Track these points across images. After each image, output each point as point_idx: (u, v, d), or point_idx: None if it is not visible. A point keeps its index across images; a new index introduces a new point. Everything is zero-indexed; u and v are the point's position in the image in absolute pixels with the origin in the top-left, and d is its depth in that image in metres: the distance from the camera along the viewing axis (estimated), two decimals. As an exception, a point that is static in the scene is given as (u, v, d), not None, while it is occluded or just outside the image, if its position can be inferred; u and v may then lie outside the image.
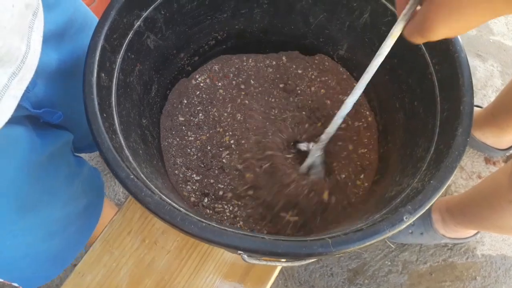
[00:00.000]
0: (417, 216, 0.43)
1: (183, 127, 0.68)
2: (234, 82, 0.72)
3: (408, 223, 0.42)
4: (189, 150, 0.66)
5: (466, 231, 1.15)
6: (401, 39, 0.57)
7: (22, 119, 0.52)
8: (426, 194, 0.43)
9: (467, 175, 1.33)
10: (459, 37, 0.51)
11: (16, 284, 0.62)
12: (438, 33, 0.36)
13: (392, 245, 1.23)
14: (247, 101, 0.71)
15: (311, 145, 0.63)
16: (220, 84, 0.72)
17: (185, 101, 0.70)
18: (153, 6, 0.55)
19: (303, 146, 0.64)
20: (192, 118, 0.69)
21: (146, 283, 0.66)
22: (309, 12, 0.66)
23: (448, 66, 0.51)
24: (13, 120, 0.45)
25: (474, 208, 0.97)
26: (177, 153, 0.66)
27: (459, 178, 1.32)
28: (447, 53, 0.51)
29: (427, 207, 0.43)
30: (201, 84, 0.71)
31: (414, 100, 0.58)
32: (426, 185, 0.44)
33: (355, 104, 0.54)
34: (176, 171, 0.65)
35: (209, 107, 0.70)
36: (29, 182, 0.54)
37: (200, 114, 0.69)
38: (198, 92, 0.71)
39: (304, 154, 0.64)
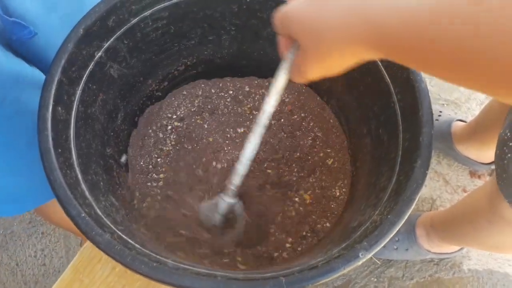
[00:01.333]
0: (373, 252, 0.43)
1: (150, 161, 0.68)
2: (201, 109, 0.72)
3: (364, 260, 0.42)
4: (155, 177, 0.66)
5: (451, 247, 1.15)
6: (366, 66, 0.57)
7: None
8: (383, 229, 0.43)
9: (452, 189, 1.32)
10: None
11: None
12: (313, 75, 0.39)
13: (378, 261, 1.22)
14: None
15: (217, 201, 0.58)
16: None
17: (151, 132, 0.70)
18: (114, 36, 0.55)
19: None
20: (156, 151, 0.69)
21: (117, 311, 0.65)
22: (275, 38, 0.65)
23: (409, 95, 0.51)
24: None
25: (456, 225, 0.97)
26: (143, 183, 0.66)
27: (444, 192, 1.32)
28: (407, 83, 0.51)
29: (383, 243, 0.43)
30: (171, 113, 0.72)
31: (379, 127, 0.58)
32: (384, 220, 0.44)
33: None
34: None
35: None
36: None
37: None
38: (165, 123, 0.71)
39: None
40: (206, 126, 0.70)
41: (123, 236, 0.44)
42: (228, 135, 0.70)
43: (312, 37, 0.35)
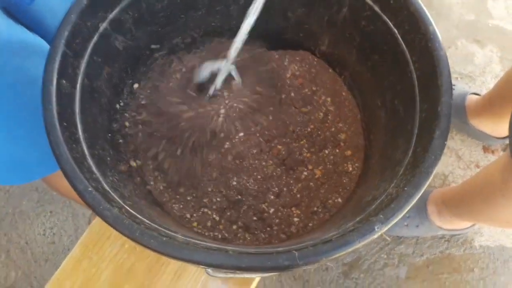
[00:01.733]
0: (389, 225, 0.41)
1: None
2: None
3: (379, 233, 0.41)
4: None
5: (463, 223, 1.13)
6: (382, 34, 0.55)
7: None
8: (399, 202, 0.41)
9: (465, 164, 1.30)
10: (438, 33, 0.48)
11: None
12: None
13: (388, 238, 1.21)
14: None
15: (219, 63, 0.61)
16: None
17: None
18: (119, 7, 0.53)
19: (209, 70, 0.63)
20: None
21: (127, 288, 0.65)
22: (287, 7, 0.63)
23: (427, 64, 0.48)
24: None
25: (468, 201, 0.96)
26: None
27: (457, 168, 1.30)
28: (426, 51, 0.48)
29: (400, 216, 0.41)
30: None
31: (395, 98, 0.56)
32: (401, 192, 0.42)
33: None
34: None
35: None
36: None
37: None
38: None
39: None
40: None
41: (131, 211, 0.43)
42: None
43: None
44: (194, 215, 0.60)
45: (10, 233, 1.21)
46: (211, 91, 0.62)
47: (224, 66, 0.60)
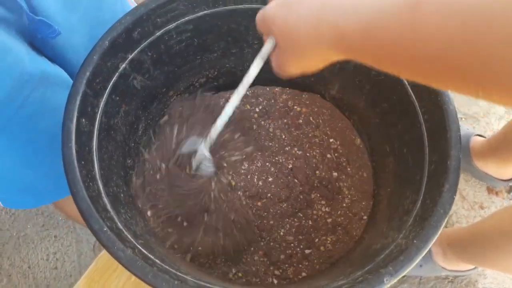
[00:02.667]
0: (397, 278, 0.42)
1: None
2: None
3: (388, 285, 0.41)
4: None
5: (467, 264, 1.12)
6: (391, 84, 0.57)
7: (18, 35, 0.53)
8: (409, 255, 0.42)
9: (469, 205, 1.30)
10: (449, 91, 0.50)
11: None
12: (291, 71, 0.42)
13: (391, 276, 1.20)
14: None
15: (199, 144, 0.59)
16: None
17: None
18: (139, 48, 0.54)
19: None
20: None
21: (131, 322, 0.65)
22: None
23: (436, 117, 0.50)
24: (6, 29, 0.49)
25: (477, 247, 0.95)
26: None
27: (461, 208, 1.30)
28: (436, 104, 0.50)
29: (409, 269, 0.42)
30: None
31: (403, 146, 0.57)
32: (410, 245, 0.43)
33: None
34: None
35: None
36: (7, 95, 0.53)
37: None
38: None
39: None
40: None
41: (143, 250, 0.44)
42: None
43: (287, 38, 0.38)
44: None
45: (13, 257, 1.21)
46: (192, 170, 0.61)
47: (199, 153, 0.58)
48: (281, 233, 0.63)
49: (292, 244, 0.62)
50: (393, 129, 0.59)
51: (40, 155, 0.62)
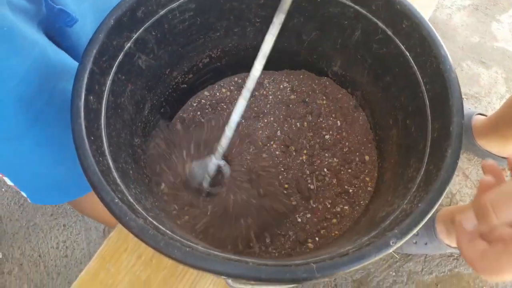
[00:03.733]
0: (404, 240, 0.42)
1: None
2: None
3: (395, 248, 0.42)
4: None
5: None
6: (393, 57, 0.57)
7: (37, 24, 0.54)
8: (414, 218, 0.43)
9: (472, 183, 1.31)
10: (449, 56, 0.50)
11: (24, 194, 0.68)
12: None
13: (396, 256, 1.22)
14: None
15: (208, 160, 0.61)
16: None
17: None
18: (143, 27, 0.55)
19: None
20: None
21: (142, 300, 0.66)
22: (301, 30, 0.66)
23: (438, 85, 0.50)
24: (29, 21, 0.49)
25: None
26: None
27: (464, 187, 1.31)
28: (437, 73, 0.50)
29: (414, 231, 0.43)
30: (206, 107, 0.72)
31: (407, 118, 0.57)
32: (415, 209, 0.44)
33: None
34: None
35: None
36: (37, 88, 0.55)
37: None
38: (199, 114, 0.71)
39: None
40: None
41: (155, 222, 0.45)
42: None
43: None
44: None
45: (23, 246, 1.23)
46: (205, 190, 0.63)
47: (211, 164, 0.60)
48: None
49: (300, 220, 0.63)
50: (396, 102, 0.60)
51: (67, 150, 0.63)
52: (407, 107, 0.58)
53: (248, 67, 0.73)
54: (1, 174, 0.65)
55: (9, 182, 0.67)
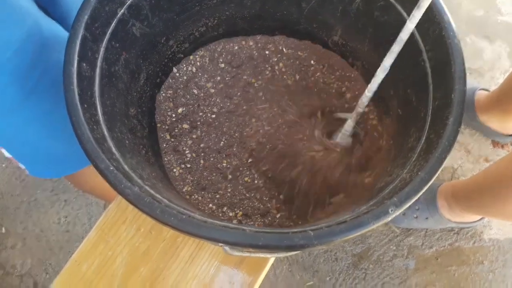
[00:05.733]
0: (403, 208, 0.42)
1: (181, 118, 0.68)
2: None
3: (393, 216, 0.41)
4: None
5: (472, 216, 1.14)
6: (395, 25, 0.56)
7: None
8: (414, 186, 0.42)
9: (474, 158, 1.30)
10: (452, 22, 0.49)
11: (22, 166, 0.68)
12: None
13: (397, 230, 1.22)
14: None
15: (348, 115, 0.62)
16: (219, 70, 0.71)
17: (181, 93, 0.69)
18: (137, -8, 0.54)
19: (341, 115, 0.65)
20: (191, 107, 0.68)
21: (142, 271, 0.66)
22: (300, -3, 0.64)
23: (440, 52, 0.49)
24: None
25: (479, 195, 0.96)
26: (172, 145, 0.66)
27: (466, 162, 1.30)
28: (440, 39, 0.49)
29: (414, 200, 0.42)
30: (198, 71, 0.71)
31: (407, 87, 0.56)
32: (414, 177, 0.43)
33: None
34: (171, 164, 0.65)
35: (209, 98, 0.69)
36: (32, 60, 0.54)
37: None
38: (196, 81, 0.70)
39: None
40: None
41: (151, 191, 0.45)
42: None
43: None
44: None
45: (26, 222, 1.23)
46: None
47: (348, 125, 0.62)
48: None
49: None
50: (398, 71, 0.58)
51: (63, 124, 0.62)
52: (408, 76, 0.56)
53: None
54: None
55: (7, 154, 0.67)
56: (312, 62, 0.72)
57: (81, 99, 0.45)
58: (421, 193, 0.42)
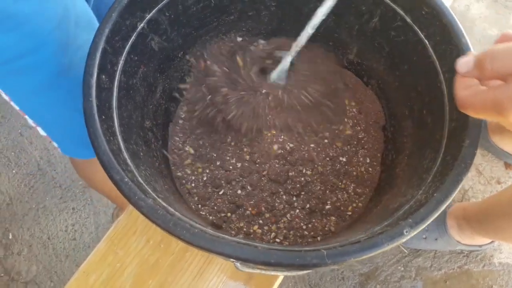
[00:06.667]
0: (418, 230, 0.41)
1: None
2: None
3: (408, 237, 0.41)
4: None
5: (482, 239, 1.12)
6: (412, 45, 0.56)
7: None
8: (429, 207, 0.42)
9: (485, 180, 1.29)
10: (470, 45, 0.49)
11: (55, 144, 0.72)
12: None
13: (405, 250, 1.21)
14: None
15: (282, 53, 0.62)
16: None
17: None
18: (157, 8, 0.54)
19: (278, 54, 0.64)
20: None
21: (150, 284, 0.66)
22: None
23: (458, 74, 0.49)
24: None
25: (492, 219, 0.95)
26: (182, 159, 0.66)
27: (477, 183, 1.29)
28: (457, 61, 0.49)
29: (429, 221, 0.42)
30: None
31: (423, 108, 0.56)
32: (430, 198, 0.43)
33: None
34: (182, 175, 0.65)
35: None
36: (69, 36, 0.57)
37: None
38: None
39: None
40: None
41: (164, 203, 0.45)
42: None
43: None
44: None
45: (33, 228, 1.24)
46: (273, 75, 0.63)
47: (287, 55, 0.61)
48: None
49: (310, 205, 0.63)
50: (413, 91, 0.59)
51: None
52: (424, 97, 0.56)
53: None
54: (35, 124, 0.67)
55: (42, 133, 0.69)
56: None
57: (99, 110, 0.45)
58: (436, 215, 0.42)
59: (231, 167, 0.65)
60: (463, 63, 0.39)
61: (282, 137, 0.66)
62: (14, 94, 0.61)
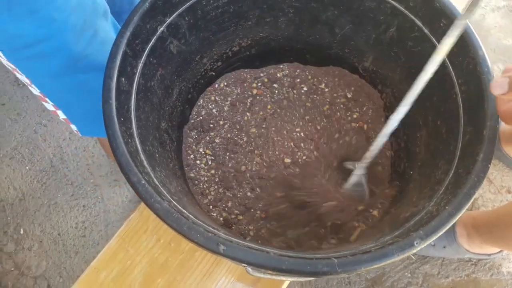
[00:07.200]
0: (428, 242, 0.42)
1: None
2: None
3: (418, 248, 0.41)
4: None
5: (491, 248, 1.11)
6: (428, 55, 0.56)
7: None
8: (440, 220, 0.42)
9: (495, 189, 1.28)
10: (487, 58, 0.49)
11: (74, 128, 0.75)
12: None
13: (413, 257, 1.20)
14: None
15: (356, 163, 0.62)
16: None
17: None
18: (177, 12, 0.55)
19: (349, 165, 0.64)
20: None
21: (159, 282, 0.67)
22: (334, 23, 0.65)
23: (474, 87, 0.49)
24: None
25: (502, 229, 0.94)
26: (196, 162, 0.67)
27: (487, 192, 1.28)
28: (474, 74, 0.49)
29: (439, 234, 0.42)
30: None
31: (438, 119, 0.56)
32: (441, 211, 0.43)
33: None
34: (195, 175, 0.66)
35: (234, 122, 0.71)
36: (85, 21, 0.58)
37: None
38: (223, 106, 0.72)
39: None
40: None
41: (178, 206, 0.45)
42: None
43: None
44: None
45: (44, 224, 1.25)
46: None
47: (357, 170, 0.62)
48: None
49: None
50: (428, 101, 0.59)
51: None
52: (438, 107, 0.56)
53: (277, 59, 0.73)
54: (55, 108, 0.69)
55: (62, 116, 0.71)
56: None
57: (118, 112, 0.46)
58: (447, 227, 0.42)
59: (243, 169, 0.66)
60: (497, 86, 0.42)
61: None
62: (35, 78, 0.63)
